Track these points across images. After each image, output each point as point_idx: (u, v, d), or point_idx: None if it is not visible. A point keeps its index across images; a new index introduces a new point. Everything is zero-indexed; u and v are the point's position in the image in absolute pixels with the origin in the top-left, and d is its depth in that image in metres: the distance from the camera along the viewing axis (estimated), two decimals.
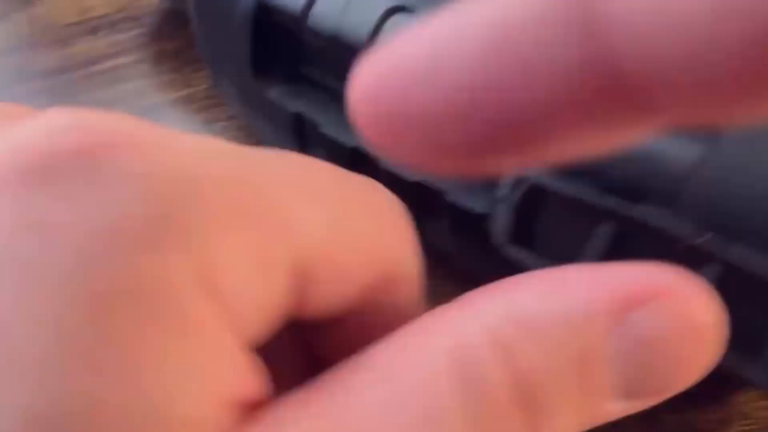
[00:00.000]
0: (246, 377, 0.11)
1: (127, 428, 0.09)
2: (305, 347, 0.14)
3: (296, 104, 0.25)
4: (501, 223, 0.20)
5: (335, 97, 0.24)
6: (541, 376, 0.11)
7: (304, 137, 0.25)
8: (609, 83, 0.09)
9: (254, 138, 0.30)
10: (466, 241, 0.23)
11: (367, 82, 0.10)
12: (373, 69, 0.10)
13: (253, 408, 0.11)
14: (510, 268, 0.18)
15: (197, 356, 0.10)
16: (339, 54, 0.23)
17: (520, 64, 0.09)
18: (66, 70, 0.33)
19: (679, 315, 0.11)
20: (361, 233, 0.13)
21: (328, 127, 0.24)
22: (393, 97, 0.09)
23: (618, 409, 0.11)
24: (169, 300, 0.10)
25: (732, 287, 0.15)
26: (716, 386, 0.18)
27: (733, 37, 0.08)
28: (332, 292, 0.12)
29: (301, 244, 0.11)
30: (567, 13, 0.09)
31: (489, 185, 0.21)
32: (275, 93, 0.25)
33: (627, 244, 0.19)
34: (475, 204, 0.21)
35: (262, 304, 0.11)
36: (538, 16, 0.09)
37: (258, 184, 0.11)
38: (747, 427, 0.23)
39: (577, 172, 0.19)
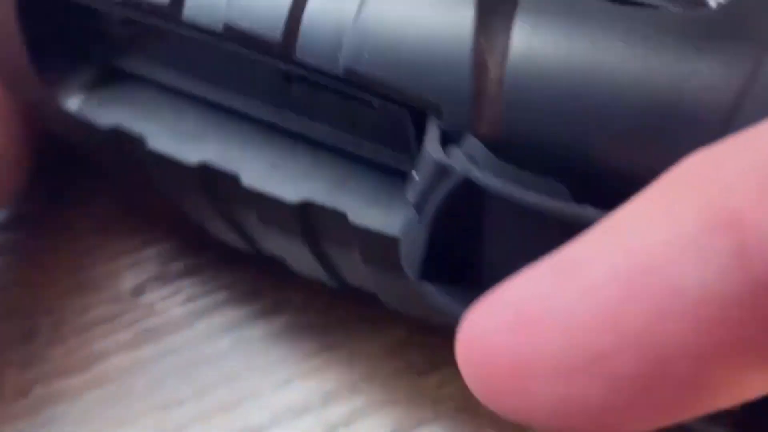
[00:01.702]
0: None
1: None
2: None
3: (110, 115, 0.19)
4: (410, 247, 0.14)
5: (165, 95, 0.19)
6: None
7: (127, 158, 0.19)
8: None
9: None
10: (383, 275, 0.17)
11: (482, 330, 0.09)
12: (491, 316, 0.09)
13: None
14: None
15: None
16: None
17: (662, 306, 0.08)
18: None
19: None
20: None
21: (158, 142, 0.18)
22: (516, 347, 0.09)
23: None
24: None
25: None
26: None
27: None
28: None
29: None
30: (716, 240, 0.08)
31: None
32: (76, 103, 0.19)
33: None
34: (387, 223, 0.15)
35: None
36: (682, 250, 0.08)
37: None
38: None
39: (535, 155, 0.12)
